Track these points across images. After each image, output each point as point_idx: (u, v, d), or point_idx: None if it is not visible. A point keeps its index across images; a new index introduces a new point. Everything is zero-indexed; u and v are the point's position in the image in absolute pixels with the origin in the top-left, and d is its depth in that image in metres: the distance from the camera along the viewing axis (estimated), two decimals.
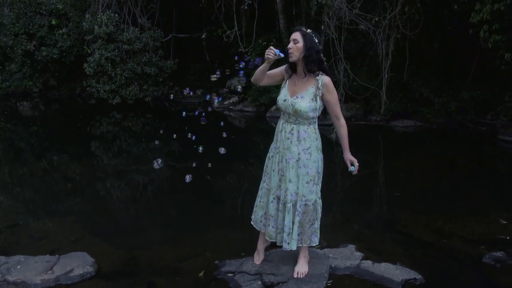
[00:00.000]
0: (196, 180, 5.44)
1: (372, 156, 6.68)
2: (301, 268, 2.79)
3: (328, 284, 2.75)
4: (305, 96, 2.51)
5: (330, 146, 7.49)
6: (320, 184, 2.71)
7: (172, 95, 11.66)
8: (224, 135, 3.38)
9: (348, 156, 2.61)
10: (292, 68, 2.63)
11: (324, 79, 2.52)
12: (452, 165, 6.05)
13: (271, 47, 2.49)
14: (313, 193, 2.65)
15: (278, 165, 2.66)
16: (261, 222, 2.83)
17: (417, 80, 8.80)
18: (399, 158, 6.48)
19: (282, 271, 2.80)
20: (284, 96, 2.61)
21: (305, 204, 2.65)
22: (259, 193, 2.85)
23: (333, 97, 2.55)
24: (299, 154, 2.58)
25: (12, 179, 5.61)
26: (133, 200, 4.83)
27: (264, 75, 2.67)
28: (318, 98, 2.51)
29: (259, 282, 2.72)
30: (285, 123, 2.62)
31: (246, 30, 11.14)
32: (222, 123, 8.40)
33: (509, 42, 6.46)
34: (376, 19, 7.58)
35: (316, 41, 2.52)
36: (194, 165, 3.55)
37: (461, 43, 8.61)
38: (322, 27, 7.83)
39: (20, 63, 12.06)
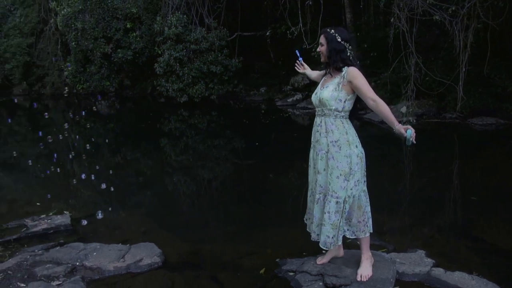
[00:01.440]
0: (260, 177, 5.52)
1: (446, 156, 6.23)
2: (365, 271, 2.67)
3: None
4: (329, 86, 2.59)
5: (400, 148, 7.13)
6: (354, 181, 2.56)
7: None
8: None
9: (400, 126, 2.41)
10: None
11: (349, 68, 2.53)
12: None
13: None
14: (343, 190, 2.56)
15: (313, 160, 2.72)
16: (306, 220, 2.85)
17: (500, 73, 8.01)
18: (477, 159, 5.95)
19: (345, 273, 2.70)
20: (315, 91, 2.72)
21: (337, 202, 2.57)
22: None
23: (361, 81, 2.49)
24: (328, 146, 2.58)
25: (92, 172, 6.08)
26: (198, 195, 4.99)
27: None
28: (340, 86, 2.53)
29: (321, 283, 2.65)
30: (316, 117, 2.69)
31: (310, 26, 10.98)
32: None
33: None
34: (453, 9, 7.02)
35: (339, 39, 2.54)
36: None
37: None
38: (392, 20, 7.45)
39: (99, 64, 13.07)
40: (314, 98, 2.70)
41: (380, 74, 10.03)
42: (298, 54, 3.03)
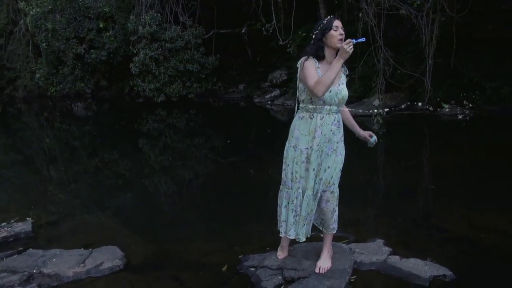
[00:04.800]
0: (230, 175, 5.54)
1: (414, 147, 6.38)
2: (324, 263, 2.73)
3: (352, 280, 2.67)
4: (343, 82, 2.55)
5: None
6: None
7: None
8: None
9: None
10: (321, 57, 2.50)
11: None
12: (502, 156, 5.58)
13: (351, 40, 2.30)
14: (337, 181, 2.68)
15: (315, 162, 2.56)
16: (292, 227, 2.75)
17: (467, 64, 8.25)
18: (443, 149, 6.12)
19: (304, 266, 2.76)
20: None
21: (331, 192, 2.65)
22: (286, 203, 2.72)
23: None
24: (337, 142, 2.59)
25: (62, 176, 6.01)
26: (171, 196, 4.98)
27: None
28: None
29: (280, 277, 2.70)
30: (327, 115, 2.51)
31: (284, 22, 11.03)
32: None
33: None
34: (418, 3, 7.16)
35: None
36: None
37: None
38: (360, 15, 7.55)
39: (72, 66, 12.83)
40: (329, 96, 2.45)
41: (355, 68, 10.18)
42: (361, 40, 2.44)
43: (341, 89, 2.51)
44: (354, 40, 2.32)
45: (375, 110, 7.40)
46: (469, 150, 5.96)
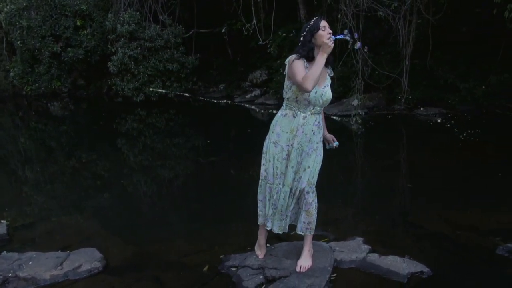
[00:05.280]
0: (210, 174, 5.52)
1: (392, 146, 6.50)
2: (304, 262, 2.76)
3: (332, 278, 2.71)
4: (328, 84, 2.60)
5: (349, 137, 7.36)
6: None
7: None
8: None
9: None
10: (310, 57, 2.51)
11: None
12: (476, 154, 5.77)
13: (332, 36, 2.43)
14: (316, 180, 2.70)
15: (297, 160, 2.61)
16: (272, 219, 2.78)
17: (443, 66, 8.47)
18: (420, 148, 6.26)
19: (284, 265, 2.78)
20: (314, 88, 2.49)
21: (312, 192, 2.69)
22: (269, 197, 2.73)
23: None
24: (317, 143, 2.63)
25: (38, 177, 5.86)
26: (147, 196, 4.93)
27: None
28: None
29: (261, 277, 2.72)
30: (309, 115, 2.57)
31: (265, 22, 11.05)
32: None
33: None
34: (396, 5, 7.30)
35: None
36: None
37: (490, 25, 8.18)
38: (339, 16, 7.65)
39: (48, 64, 12.47)
40: (314, 97, 2.50)
41: (334, 69, 10.30)
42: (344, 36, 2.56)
43: (326, 91, 2.57)
44: (333, 36, 2.46)
45: (354, 110, 7.51)
46: (445, 149, 6.12)
